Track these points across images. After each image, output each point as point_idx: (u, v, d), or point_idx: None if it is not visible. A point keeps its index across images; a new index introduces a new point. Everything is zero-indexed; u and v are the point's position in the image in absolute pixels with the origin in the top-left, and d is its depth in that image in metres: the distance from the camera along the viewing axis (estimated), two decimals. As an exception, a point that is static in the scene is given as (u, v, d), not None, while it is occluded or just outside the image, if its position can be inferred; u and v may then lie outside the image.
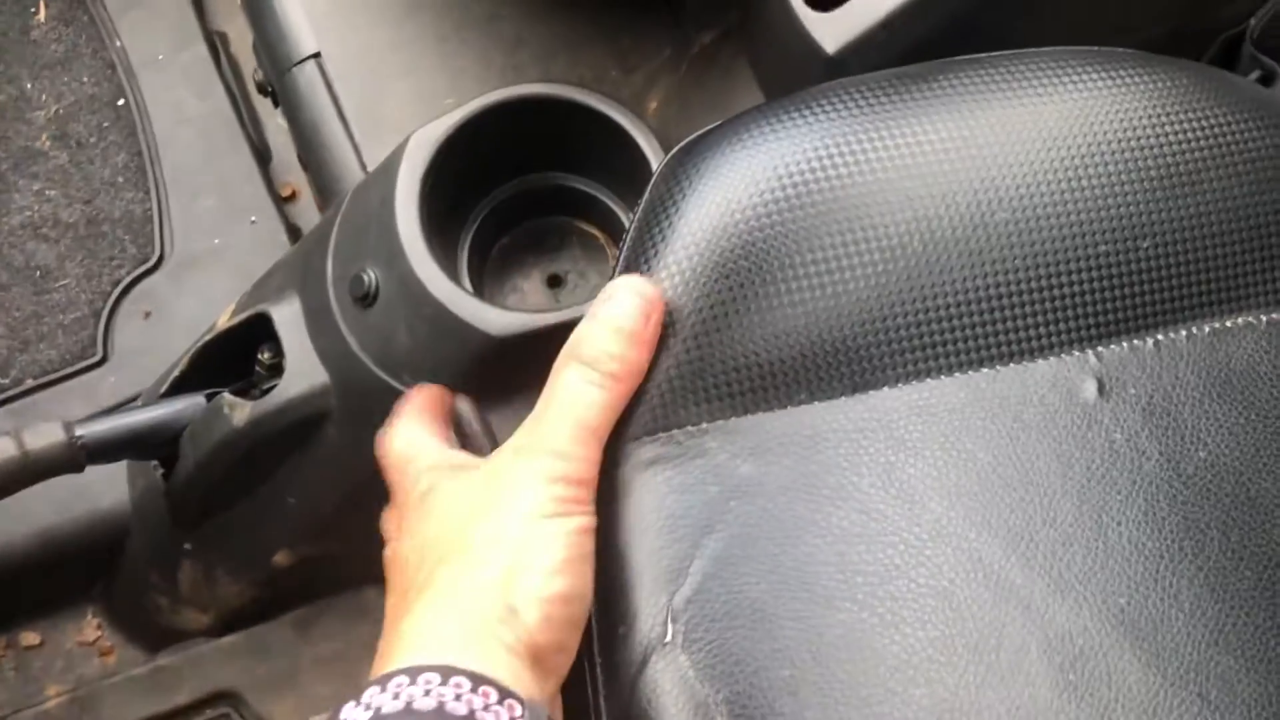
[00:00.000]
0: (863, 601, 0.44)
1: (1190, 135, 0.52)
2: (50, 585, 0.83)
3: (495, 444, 0.64)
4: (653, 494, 0.46)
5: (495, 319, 0.64)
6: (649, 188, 0.51)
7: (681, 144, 0.52)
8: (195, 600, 0.80)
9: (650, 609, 0.44)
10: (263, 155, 0.96)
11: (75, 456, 0.68)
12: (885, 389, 0.48)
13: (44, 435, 0.68)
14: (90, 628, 0.85)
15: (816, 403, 0.48)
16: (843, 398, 0.48)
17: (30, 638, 0.84)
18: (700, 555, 0.45)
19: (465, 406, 0.59)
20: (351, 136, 0.73)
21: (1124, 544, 0.47)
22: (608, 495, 0.46)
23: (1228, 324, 0.52)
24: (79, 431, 0.68)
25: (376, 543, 0.74)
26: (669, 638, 0.43)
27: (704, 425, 0.47)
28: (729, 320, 0.47)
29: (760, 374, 0.47)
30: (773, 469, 0.46)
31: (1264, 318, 0.52)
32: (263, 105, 0.97)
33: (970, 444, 0.48)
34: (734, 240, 0.48)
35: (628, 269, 0.49)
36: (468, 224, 0.73)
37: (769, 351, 0.47)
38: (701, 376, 0.47)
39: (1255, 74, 0.65)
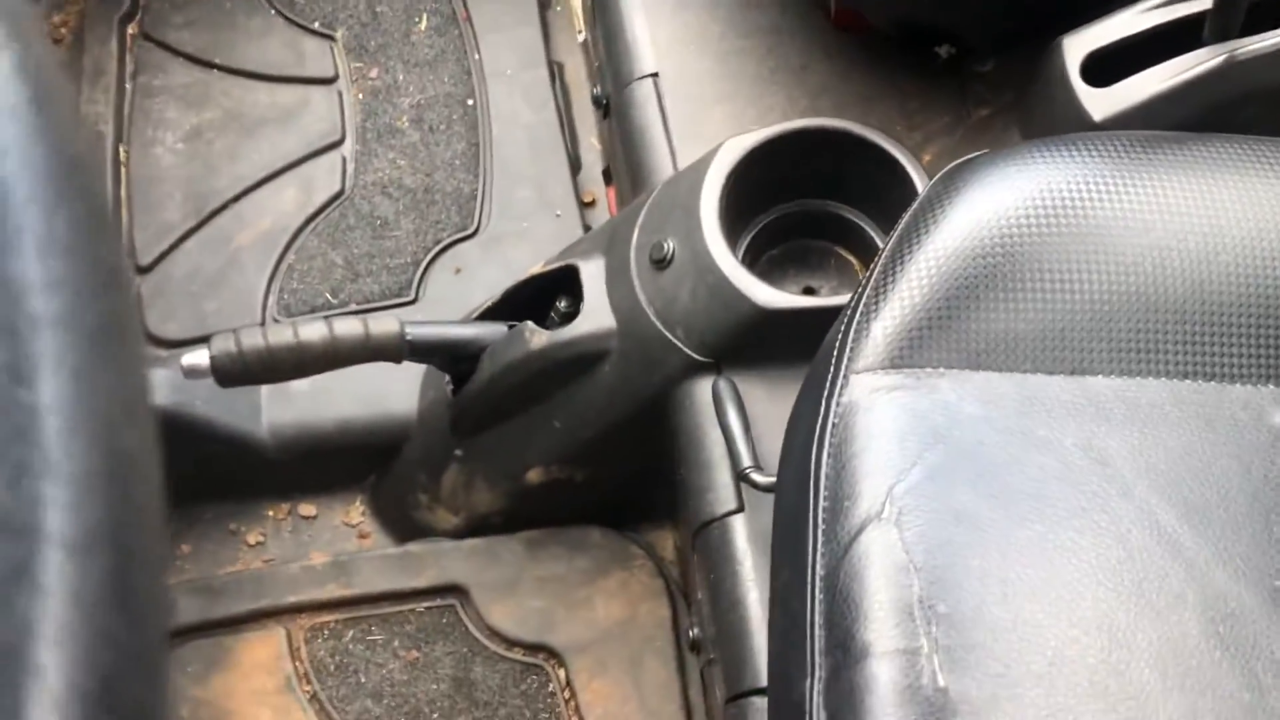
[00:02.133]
0: (1051, 523, 0.54)
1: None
2: (335, 468, 0.99)
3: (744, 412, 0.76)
4: (890, 410, 0.57)
5: (765, 294, 0.77)
6: (923, 190, 0.63)
7: (958, 161, 0.64)
8: (451, 502, 0.95)
9: (874, 491, 0.54)
10: (575, 164, 1.13)
11: (400, 347, 0.84)
12: (1100, 376, 0.58)
13: (383, 324, 0.84)
14: (356, 512, 1.00)
15: (1040, 374, 0.58)
16: (1061, 375, 0.58)
17: (308, 509, 1.01)
18: (922, 462, 0.55)
19: None
20: (670, 143, 0.89)
21: (1285, 542, 0.55)
22: (851, 407, 0.57)
23: None
24: (409, 329, 0.84)
25: (615, 481, 0.87)
26: (885, 514, 0.54)
27: (941, 370, 0.58)
28: (978, 294, 0.58)
29: (996, 341, 0.58)
30: (994, 413, 0.57)
31: None
32: (583, 125, 1.15)
33: (1164, 433, 0.57)
34: (993, 235, 0.59)
35: (899, 245, 0.61)
36: (748, 229, 0.86)
37: (1008, 325, 0.58)
38: (947, 331, 0.58)
39: None
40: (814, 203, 0.87)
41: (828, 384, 0.58)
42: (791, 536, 0.57)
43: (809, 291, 0.87)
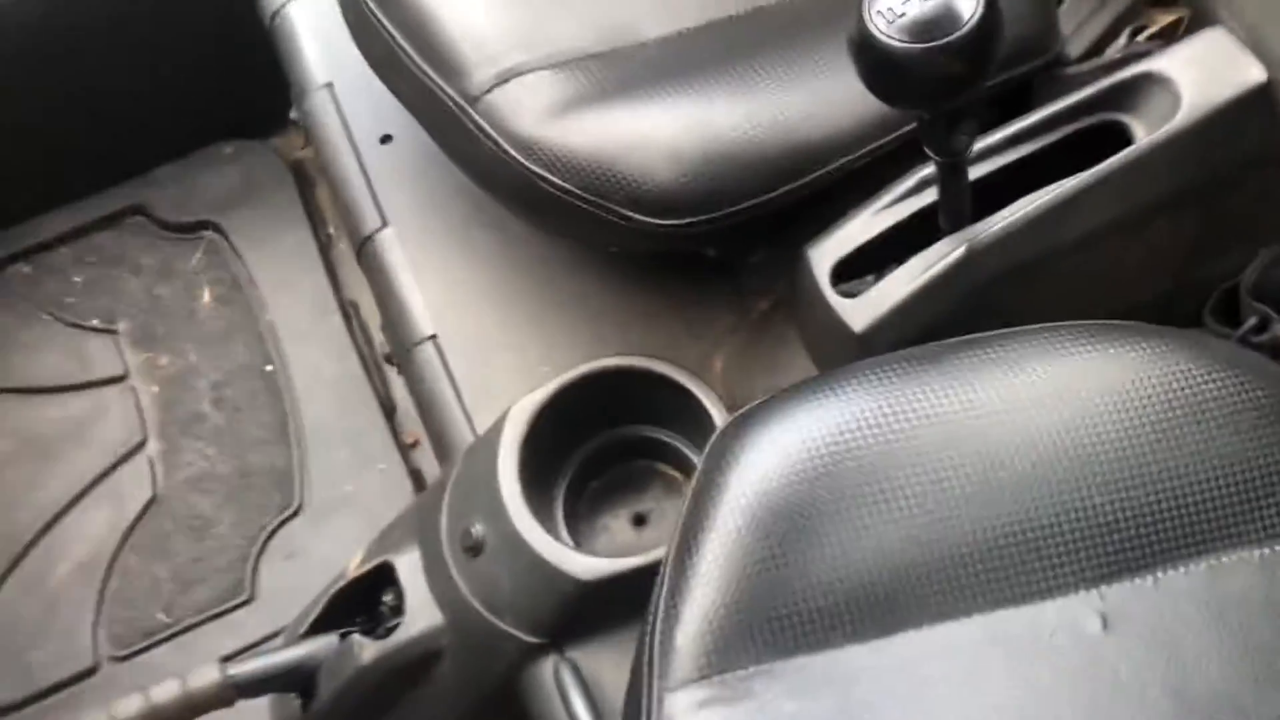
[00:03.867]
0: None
1: (1171, 396, 0.60)
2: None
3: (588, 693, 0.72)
4: (708, 732, 0.54)
5: (584, 565, 0.74)
6: (704, 453, 0.61)
7: (731, 418, 0.62)
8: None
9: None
10: (388, 409, 1.09)
11: (228, 694, 0.79)
12: (910, 631, 0.56)
13: (203, 676, 0.79)
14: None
15: (851, 645, 0.55)
16: (874, 640, 0.56)
17: None
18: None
19: None
20: (463, 405, 0.86)
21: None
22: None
23: (1223, 560, 0.58)
24: (231, 671, 0.79)
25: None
26: None
27: (750, 669, 0.55)
28: (770, 574, 0.56)
29: (801, 619, 0.55)
30: (812, 707, 0.54)
31: (1256, 553, 0.59)
32: (389, 367, 1.11)
33: (985, 681, 0.55)
34: (773, 507, 0.57)
35: (689, 521, 0.58)
36: (563, 472, 0.83)
37: (808, 599, 0.55)
38: (749, 624, 0.55)
39: (1252, 320, 0.73)
40: (624, 429, 0.85)
41: (643, 711, 0.55)
42: None
43: (639, 519, 0.84)
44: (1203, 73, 0.67)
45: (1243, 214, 0.72)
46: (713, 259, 0.86)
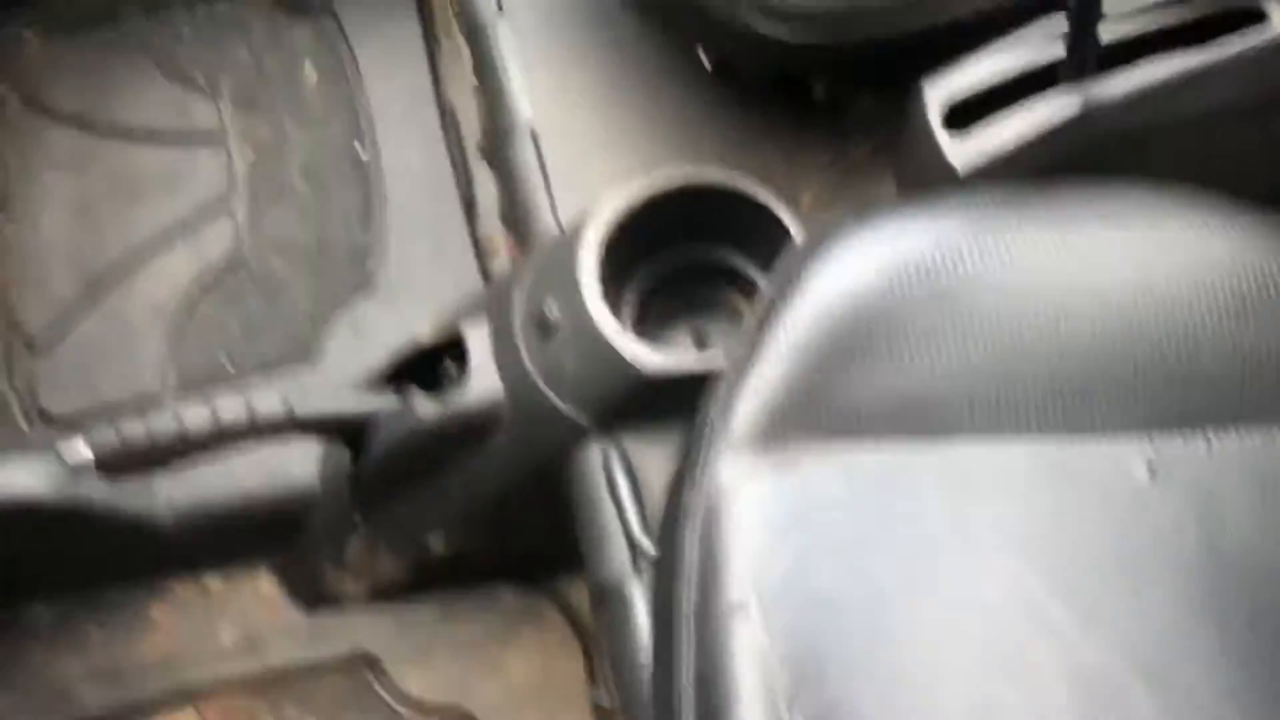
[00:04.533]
0: (916, 605, 0.54)
1: (1261, 276, 0.61)
2: (239, 541, 0.98)
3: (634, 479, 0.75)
4: (754, 495, 0.56)
5: (649, 358, 0.77)
6: (784, 260, 0.63)
7: (813, 231, 0.63)
8: (357, 571, 0.93)
9: (738, 582, 0.54)
10: (470, 211, 1.12)
11: (285, 425, 0.83)
12: (960, 438, 0.58)
13: (267, 401, 0.83)
14: (264, 582, 0.99)
15: (901, 440, 0.58)
16: (923, 440, 0.58)
17: (215, 583, 0.99)
18: (784, 549, 0.55)
19: None
20: (551, 195, 0.88)
21: (1155, 602, 0.55)
22: (716, 491, 0.57)
23: (1274, 434, 0.60)
24: (296, 405, 0.83)
25: (517, 544, 0.86)
26: (750, 606, 0.53)
27: (804, 444, 0.57)
28: (839, 363, 0.58)
29: (857, 410, 0.57)
30: (856, 490, 0.57)
31: (1308, 435, 0.60)
32: (481, 167, 1.13)
33: (1029, 498, 0.57)
34: (853, 304, 0.59)
35: (762, 318, 0.60)
36: (638, 276, 0.85)
37: (868, 392, 0.58)
38: (809, 404, 0.57)
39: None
40: (699, 247, 0.86)
41: (696, 467, 0.58)
42: (665, 627, 0.57)
43: (702, 340, 0.86)
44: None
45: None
46: (821, 99, 0.86)
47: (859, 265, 0.60)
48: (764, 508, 0.56)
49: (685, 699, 0.53)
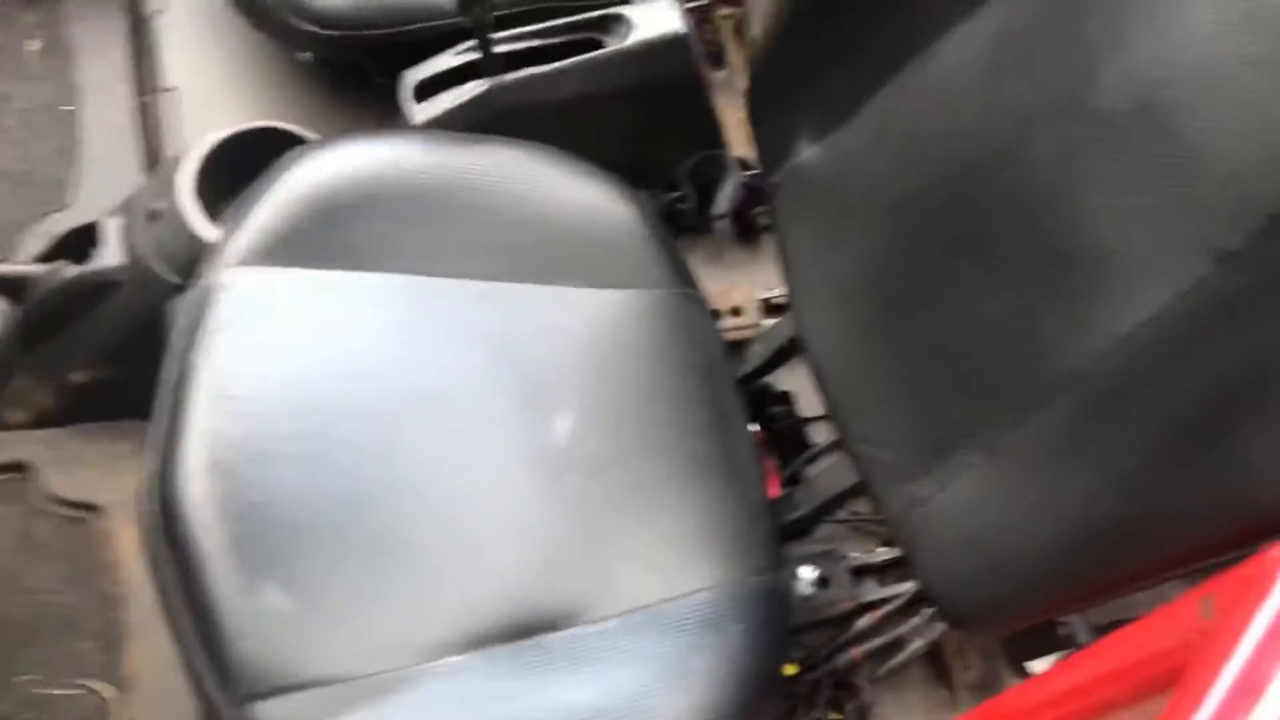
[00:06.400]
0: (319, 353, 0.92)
1: (564, 192, 1.03)
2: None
3: None
4: (229, 297, 0.94)
5: (208, 231, 1.14)
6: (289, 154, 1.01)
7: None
8: (18, 402, 1.27)
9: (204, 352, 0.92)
10: (153, 157, 1.47)
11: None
12: (378, 274, 0.97)
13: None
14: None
15: (340, 270, 0.96)
16: (353, 271, 0.96)
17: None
18: (245, 334, 0.93)
19: None
20: (182, 139, 1.25)
21: (464, 353, 0.95)
22: (205, 291, 0.94)
23: (564, 291, 1.00)
24: (-26, 265, 1.17)
25: (147, 380, 1.22)
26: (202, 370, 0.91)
27: (273, 267, 0.95)
28: (301, 220, 0.97)
29: (315, 250, 0.96)
30: (298, 295, 0.95)
31: (586, 291, 1.01)
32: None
33: (407, 304, 0.96)
34: (319, 179, 0.98)
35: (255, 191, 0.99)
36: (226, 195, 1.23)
37: (319, 239, 0.96)
38: (278, 243, 0.96)
39: (680, 193, 1.16)
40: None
41: (200, 280, 0.95)
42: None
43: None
44: (649, 18, 1.10)
45: (674, 120, 1.16)
46: (377, 79, 1.27)
47: (331, 158, 0.99)
48: (233, 304, 0.94)
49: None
